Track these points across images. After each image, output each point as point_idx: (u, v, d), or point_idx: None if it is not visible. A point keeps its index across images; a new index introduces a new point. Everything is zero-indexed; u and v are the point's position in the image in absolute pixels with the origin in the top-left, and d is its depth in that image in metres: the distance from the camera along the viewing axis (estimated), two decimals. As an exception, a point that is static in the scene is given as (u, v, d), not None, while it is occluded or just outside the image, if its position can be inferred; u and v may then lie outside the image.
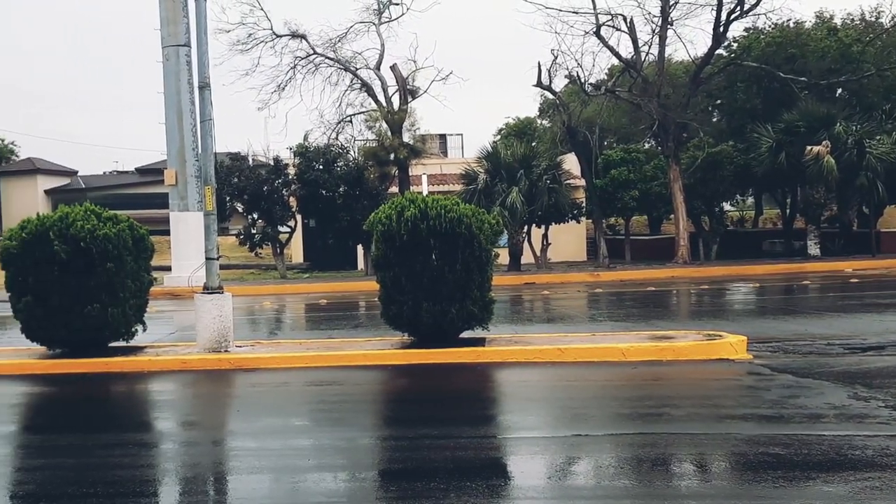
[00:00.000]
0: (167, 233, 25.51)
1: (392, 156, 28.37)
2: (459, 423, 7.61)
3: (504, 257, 25.29)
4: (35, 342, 11.36)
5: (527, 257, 28.09)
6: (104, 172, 69.64)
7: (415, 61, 29.74)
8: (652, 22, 28.43)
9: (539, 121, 50.29)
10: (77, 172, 64.90)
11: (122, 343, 11.55)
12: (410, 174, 29.21)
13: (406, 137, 28.90)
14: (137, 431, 8.10)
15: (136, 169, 63.73)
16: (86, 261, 10.71)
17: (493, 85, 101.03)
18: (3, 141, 68.94)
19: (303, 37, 29.29)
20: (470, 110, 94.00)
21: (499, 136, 47.95)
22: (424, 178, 29.42)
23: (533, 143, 35.09)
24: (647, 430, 7.05)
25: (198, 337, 11.41)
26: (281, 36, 29.16)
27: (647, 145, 36.97)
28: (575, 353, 10.50)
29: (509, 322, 14.73)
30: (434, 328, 10.81)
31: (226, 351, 11.19)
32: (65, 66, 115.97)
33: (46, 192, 60.30)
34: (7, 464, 7.03)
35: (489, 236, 10.89)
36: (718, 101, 36.07)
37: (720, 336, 10.92)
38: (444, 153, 40.45)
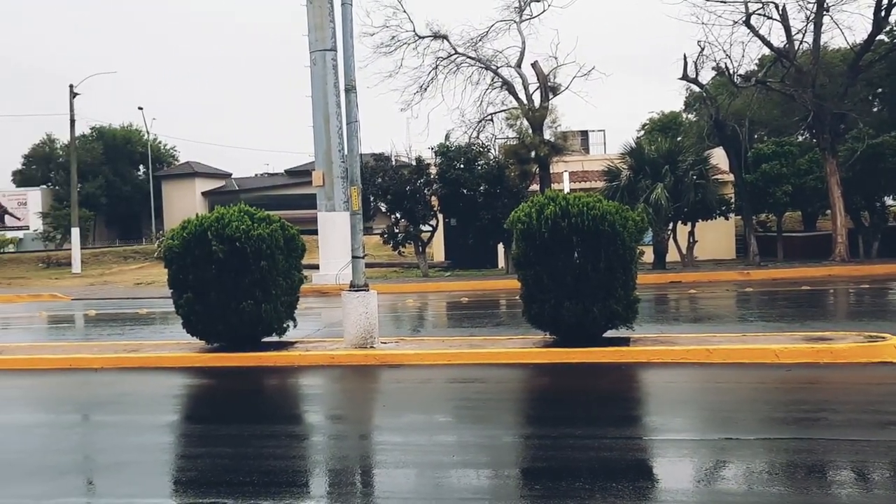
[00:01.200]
0: (315, 232, 26.36)
1: (533, 153, 28.27)
2: (603, 424, 7.51)
3: (648, 255, 24.76)
4: (195, 336, 11.98)
5: (672, 255, 27.38)
6: (256, 175, 72.78)
7: (556, 58, 29.58)
8: (806, 9, 27.10)
9: (684, 115, 48.95)
10: (231, 175, 68.10)
11: (274, 338, 12.03)
12: (551, 172, 29.03)
13: (547, 135, 28.75)
14: (289, 424, 8.42)
15: (286, 171, 66.24)
16: (241, 259, 11.21)
17: (636, 80, 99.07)
18: (165, 146, 73.19)
19: (444, 37, 29.61)
20: (612, 106, 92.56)
21: (642, 132, 46.99)
22: (566, 176, 29.16)
23: (678, 138, 34.13)
24: (803, 436, 6.74)
25: (345, 333, 11.74)
26: (423, 37, 29.59)
27: (800, 138, 35.30)
28: (724, 353, 10.15)
29: (654, 322, 14.40)
30: (576, 327, 10.70)
31: (371, 347, 11.47)
32: (220, 74, 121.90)
33: (203, 193, 63.55)
34: (171, 451, 7.47)
35: (633, 234, 10.68)
36: (879, 90, 33.99)
37: (883, 338, 10.29)
38: (586, 150, 39.98)
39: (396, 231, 28.30)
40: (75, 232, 39.37)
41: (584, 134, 41.40)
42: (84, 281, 33.29)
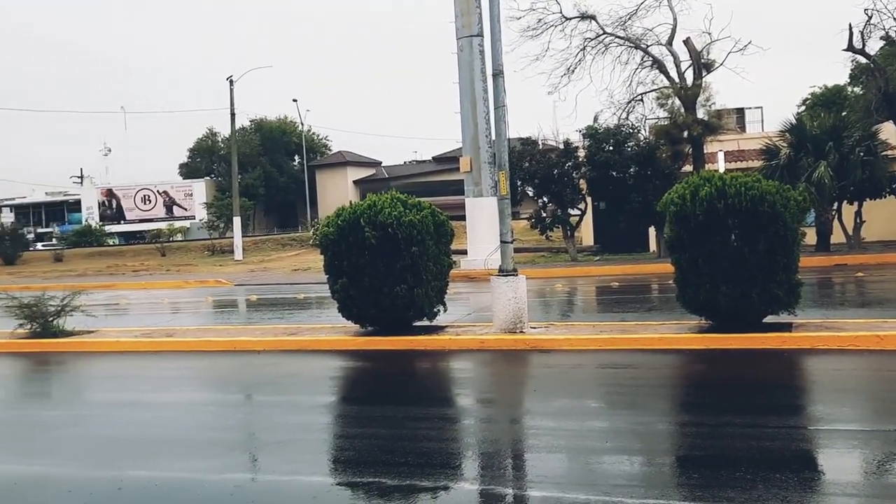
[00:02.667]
0: (462, 218, 26.58)
1: (685, 133, 27.39)
2: (764, 412, 7.20)
3: (811, 237, 23.51)
4: (349, 320, 12.33)
5: (837, 237, 25.91)
6: (404, 162, 74.17)
7: (709, 33, 28.42)
8: None
9: (849, 88, 46.12)
10: (381, 163, 69.69)
11: (424, 322, 12.22)
12: (705, 152, 28.02)
13: (700, 113, 27.78)
14: (441, 406, 8.54)
15: (433, 157, 67.15)
16: (392, 245, 11.43)
17: (795, 53, 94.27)
18: (318, 136, 75.69)
19: (592, 17, 29.08)
20: (770, 82, 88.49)
21: (803, 108, 44.63)
22: (720, 156, 28.11)
23: (843, 113, 32.17)
24: None
25: (494, 318, 11.79)
26: (570, 18, 29.16)
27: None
28: (896, 340, 9.53)
29: (818, 307, 13.69)
30: (733, 312, 10.31)
31: (521, 332, 11.47)
32: (369, 65, 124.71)
33: (355, 182, 65.34)
34: (329, 431, 7.73)
35: (795, 214, 10.17)
36: None
37: None
38: (742, 128, 38.36)
39: (544, 215, 28.13)
40: (237, 221, 41.33)
41: (740, 112, 39.73)
42: (245, 267, 34.93)
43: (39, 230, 79.89)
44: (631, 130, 28.37)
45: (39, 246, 63.22)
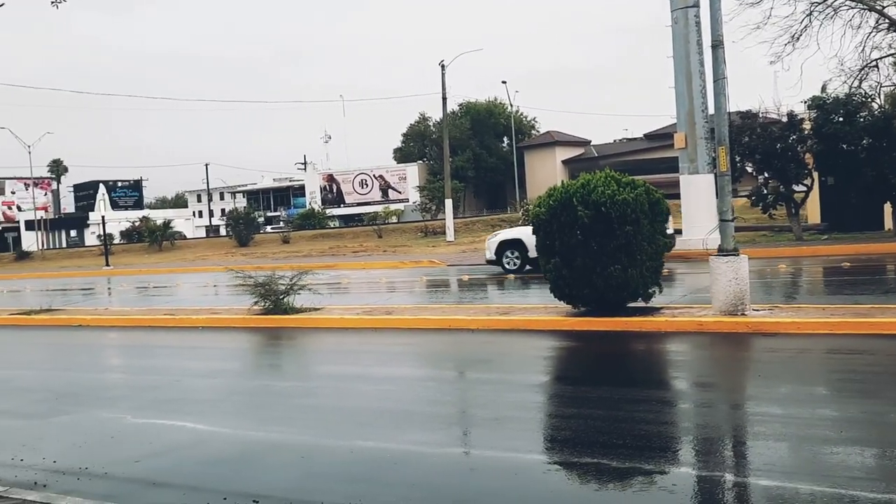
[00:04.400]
0: (675, 196, 25.73)
1: (926, 100, 25.04)
2: None
3: None
4: (561, 300, 12.31)
5: None
6: (614, 140, 72.93)
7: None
8: None
9: None
10: (590, 142, 68.85)
11: (639, 303, 11.97)
12: (950, 120, 25.48)
13: (944, 78, 25.28)
14: (658, 389, 8.34)
15: (645, 135, 65.50)
16: (605, 225, 11.27)
17: None
18: (526, 118, 75.92)
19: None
20: None
21: None
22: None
23: None
24: None
25: (713, 299, 11.35)
26: (795, -18, 27.36)
27: None
28: None
29: None
30: None
31: (742, 314, 10.97)
32: (575, 43, 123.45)
33: (563, 162, 64.95)
34: (544, 410, 7.76)
35: None
36: None
37: None
38: None
39: (765, 192, 26.69)
40: (448, 203, 42.32)
41: None
42: (457, 248, 35.74)
43: (268, 214, 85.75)
44: (864, 99, 26.28)
45: (268, 229, 67.90)
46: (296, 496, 5.34)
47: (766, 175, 27.02)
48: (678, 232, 24.88)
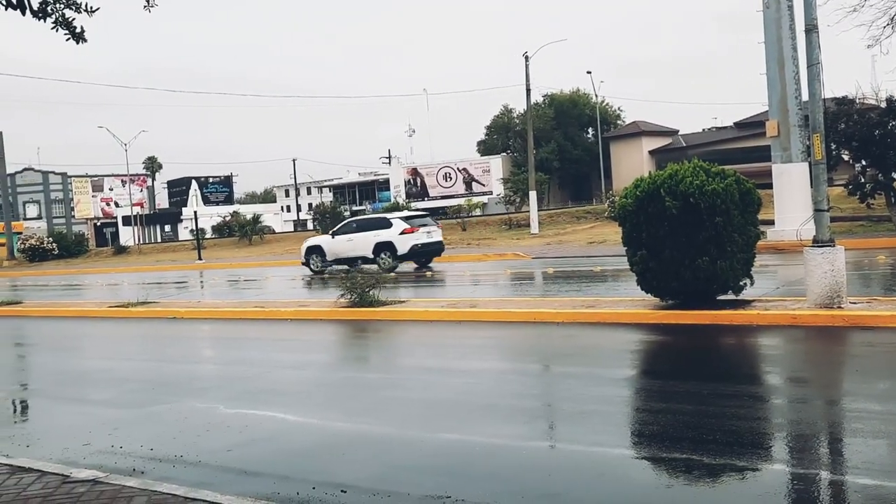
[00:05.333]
0: (767, 186, 25.00)
1: None
2: None
3: None
4: (648, 293, 12.10)
5: None
6: (702, 129, 71.32)
7: None
8: None
9: None
10: (678, 132, 67.53)
11: (729, 296, 11.68)
12: None
13: None
14: (749, 384, 8.13)
15: (734, 123, 63.84)
16: (694, 216, 11.01)
17: None
18: (611, 108, 74.92)
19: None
20: None
21: None
22: None
23: None
24: None
25: (807, 292, 10.99)
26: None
27: None
28: None
29: None
30: None
31: (838, 307, 10.59)
32: (661, 32, 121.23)
33: (650, 152, 63.87)
34: (631, 404, 7.64)
35: None
36: None
37: None
38: None
39: (863, 181, 25.71)
40: (532, 195, 42.08)
41: None
42: (541, 240, 35.53)
43: (354, 208, 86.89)
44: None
45: (354, 223, 68.64)
46: (382, 487, 5.38)
47: (863, 163, 26.05)
48: (771, 223, 24.19)
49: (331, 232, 28.03)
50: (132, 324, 16.72)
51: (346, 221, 29.54)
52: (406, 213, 30.45)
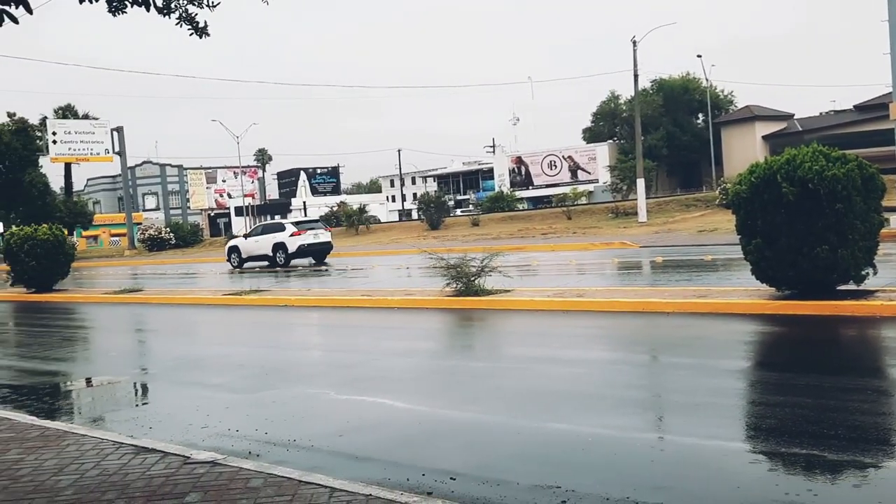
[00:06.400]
0: (890, 172, 23.87)
1: None
2: None
3: None
4: (763, 283, 11.69)
5: None
6: (820, 113, 68.54)
7: None
8: None
9: None
10: (793, 116, 65.10)
11: (850, 286, 11.18)
12: None
13: None
14: (873, 377, 7.77)
15: (854, 106, 61.09)
16: (813, 202, 10.57)
17: None
18: (722, 92, 72.75)
19: None
20: None
21: None
22: None
23: None
24: None
25: (936, 282, 10.41)
26: None
27: None
28: None
29: None
30: None
31: (971, 298, 10.00)
32: (778, 10, 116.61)
33: (763, 137, 61.86)
34: (746, 397, 7.41)
35: None
36: None
37: None
38: None
39: None
40: (640, 183, 41.33)
41: None
42: (649, 229, 34.86)
43: (458, 197, 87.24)
44: None
45: (458, 212, 69.05)
46: (490, 475, 5.37)
47: None
48: (895, 209, 23.04)
49: (244, 235, 35.32)
50: (245, 311, 17.23)
51: (254, 227, 36.02)
52: (298, 219, 38.33)
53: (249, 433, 6.88)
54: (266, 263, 31.57)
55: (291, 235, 30.98)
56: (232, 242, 34.41)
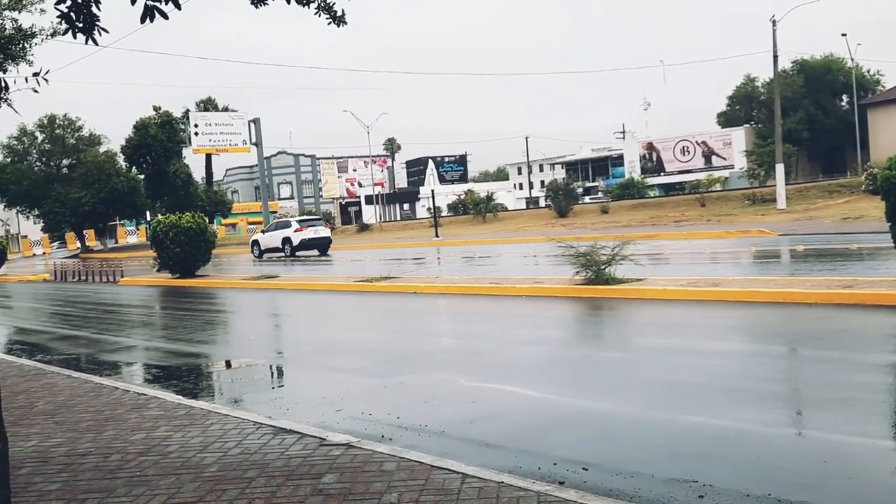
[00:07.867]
0: None
1: None
2: None
3: None
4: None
5: None
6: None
7: None
8: None
9: None
10: (949, 95, 60.86)
11: None
12: None
13: None
14: None
15: None
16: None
17: None
18: (869, 72, 68.89)
19: None
20: None
21: None
22: None
23: None
24: None
25: None
26: None
27: None
28: None
29: None
30: None
31: None
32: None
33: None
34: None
35: None
36: None
37: None
38: None
39: None
40: (779, 168, 39.64)
41: None
42: (789, 216, 33.44)
43: (587, 184, 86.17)
44: None
45: (587, 199, 68.21)
46: (624, 467, 5.28)
47: None
48: None
49: (262, 230, 41.82)
50: (375, 297, 17.57)
51: (270, 223, 42.46)
52: (302, 217, 43.65)
53: (382, 417, 7.01)
54: (282, 254, 37.29)
55: (295, 231, 36.84)
56: (254, 237, 41.10)
